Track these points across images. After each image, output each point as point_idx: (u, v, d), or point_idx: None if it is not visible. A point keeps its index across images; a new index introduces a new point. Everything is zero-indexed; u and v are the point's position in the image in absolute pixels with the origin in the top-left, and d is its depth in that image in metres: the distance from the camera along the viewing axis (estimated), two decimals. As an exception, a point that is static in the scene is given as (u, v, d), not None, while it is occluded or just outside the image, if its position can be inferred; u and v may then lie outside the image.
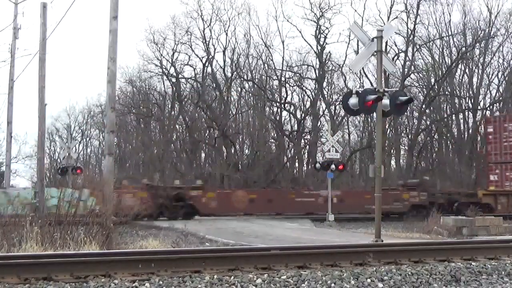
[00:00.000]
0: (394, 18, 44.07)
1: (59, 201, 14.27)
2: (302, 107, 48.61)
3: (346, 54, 45.97)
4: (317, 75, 46.00)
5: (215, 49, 45.77)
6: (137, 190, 27.16)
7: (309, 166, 44.84)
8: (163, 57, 46.12)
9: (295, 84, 48.08)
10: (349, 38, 44.68)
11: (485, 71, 46.99)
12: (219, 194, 29.58)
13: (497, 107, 47.57)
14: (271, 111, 48.32)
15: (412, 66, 46.00)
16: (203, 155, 49.72)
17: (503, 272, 9.76)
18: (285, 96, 47.51)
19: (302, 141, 47.25)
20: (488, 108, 47.22)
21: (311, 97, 47.75)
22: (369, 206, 26.82)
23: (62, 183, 31.44)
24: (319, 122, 45.79)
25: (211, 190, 29.34)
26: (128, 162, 51.00)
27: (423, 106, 45.20)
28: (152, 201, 26.14)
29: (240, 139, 47.78)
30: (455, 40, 46.22)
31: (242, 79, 47.26)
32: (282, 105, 47.42)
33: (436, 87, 45.62)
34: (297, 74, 47.00)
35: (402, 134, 47.43)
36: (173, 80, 47.08)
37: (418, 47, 46.19)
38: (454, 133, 47.94)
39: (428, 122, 47.07)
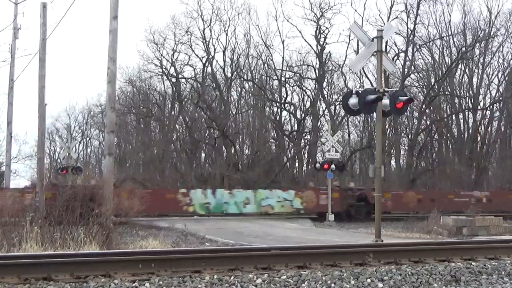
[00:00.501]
0: (394, 18, 44.07)
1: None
2: (302, 107, 48.64)
3: (346, 54, 46.01)
4: (317, 75, 45.98)
5: (215, 49, 45.81)
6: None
7: (309, 166, 44.83)
8: (163, 57, 46.13)
9: (295, 84, 48.09)
10: (349, 38, 44.71)
11: (485, 71, 47.00)
12: (393, 195, 32.78)
13: (497, 107, 47.62)
14: (271, 111, 48.32)
15: (412, 66, 45.96)
16: (203, 155, 49.68)
17: (503, 272, 9.76)
18: (285, 96, 47.54)
19: (302, 141, 47.24)
20: (488, 108, 47.26)
21: (311, 97, 47.76)
22: None
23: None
24: (319, 122, 45.76)
25: (387, 191, 31.68)
26: (128, 162, 50.96)
27: (423, 106, 45.18)
28: (344, 201, 30.36)
29: (240, 139, 47.75)
30: (455, 40, 46.25)
31: (242, 79, 47.25)
32: (282, 105, 47.42)
33: (436, 87, 45.59)
34: (297, 74, 46.99)
35: (402, 134, 47.40)
36: (173, 80, 47.06)
37: (418, 47, 46.15)
38: (454, 133, 47.93)
39: (428, 122, 47.03)
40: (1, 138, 37.06)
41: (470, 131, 46.36)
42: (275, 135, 48.08)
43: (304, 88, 47.98)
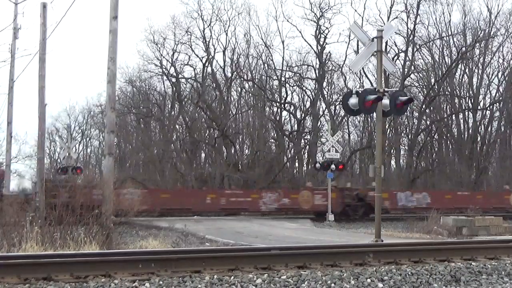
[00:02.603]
0: (394, 18, 44.09)
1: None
2: (302, 107, 48.62)
3: (346, 54, 45.99)
4: (317, 75, 45.97)
5: (215, 49, 45.76)
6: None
7: (309, 166, 44.82)
8: (163, 57, 46.05)
9: (295, 84, 48.08)
10: (349, 38, 44.69)
11: (485, 71, 47.03)
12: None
13: (497, 107, 47.62)
14: (271, 111, 48.30)
15: (412, 66, 45.99)
16: (203, 155, 49.66)
17: (503, 272, 9.76)
18: (285, 96, 47.52)
19: (302, 141, 47.24)
20: (488, 108, 47.26)
21: (311, 97, 47.75)
22: None
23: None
24: (319, 122, 45.77)
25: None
26: (128, 162, 50.96)
27: (423, 106, 45.18)
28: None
29: (240, 139, 47.75)
30: (455, 40, 46.25)
31: (242, 79, 47.20)
32: (282, 105, 47.40)
33: (436, 87, 45.60)
34: (297, 74, 46.97)
35: (402, 134, 47.40)
36: (173, 80, 47.00)
37: (418, 47, 46.15)
38: (454, 133, 47.93)
39: (428, 122, 47.03)
40: (1, 138, 37.02)
41: (470, 131, 46.37)
42: (275, 135, 48.08)
43: (304, 88, 48.02)
